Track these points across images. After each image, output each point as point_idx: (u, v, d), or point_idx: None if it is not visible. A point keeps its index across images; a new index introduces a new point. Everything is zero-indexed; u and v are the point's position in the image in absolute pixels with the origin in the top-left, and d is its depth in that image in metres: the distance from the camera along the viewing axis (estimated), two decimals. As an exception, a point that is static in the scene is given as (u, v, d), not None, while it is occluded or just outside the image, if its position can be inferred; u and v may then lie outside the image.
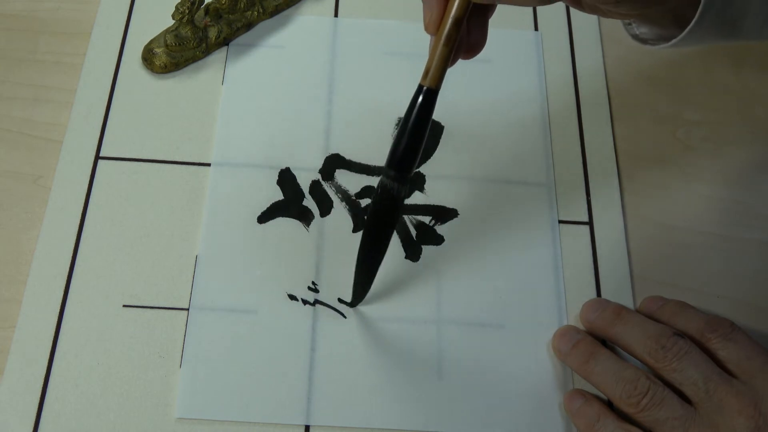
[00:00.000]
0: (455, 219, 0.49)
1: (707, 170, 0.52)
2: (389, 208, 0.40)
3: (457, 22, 0.36)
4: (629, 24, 0.43)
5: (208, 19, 0.54)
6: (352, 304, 0.46)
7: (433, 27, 0.37)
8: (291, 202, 0.49)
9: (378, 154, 0.51)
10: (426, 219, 0.49)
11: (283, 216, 0.49)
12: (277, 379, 0.44)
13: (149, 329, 0.45)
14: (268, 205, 0.49)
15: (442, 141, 0.52)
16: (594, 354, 0.43)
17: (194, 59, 0.53)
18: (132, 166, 0.49)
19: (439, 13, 0.37)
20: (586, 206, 0.50)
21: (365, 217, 0.46)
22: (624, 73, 0.56)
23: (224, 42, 0.54)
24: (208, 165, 0.50)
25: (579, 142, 0.52)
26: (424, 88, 0.37)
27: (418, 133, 0.38)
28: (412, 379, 0.44)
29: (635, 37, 0.43)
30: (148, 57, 0.53)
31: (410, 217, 0.49)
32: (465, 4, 0.36)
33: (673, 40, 0.40)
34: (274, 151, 0.51)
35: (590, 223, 0.50)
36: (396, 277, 0.47)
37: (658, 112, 0.54)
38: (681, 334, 0.42)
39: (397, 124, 0.52)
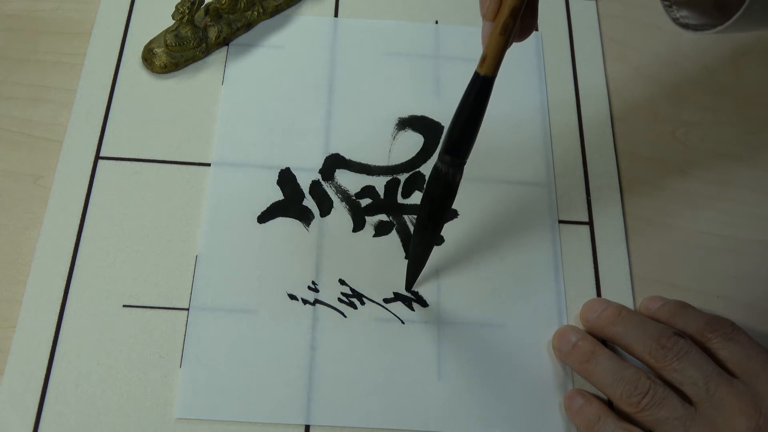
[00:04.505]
0: (455, 219, 0.49)
1: (707, 170, 0.52)
2: (444, 192, 0.41)
3: (515, 12, 0.36)
4: (670, 6, 0.42)
5: (208, 19, 0.54)
6: (407, 288, 0.47)
7: (491, 15, 0.37)
8: (291, 202, 0.49)
9: (378, 154, 0.51)
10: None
11: (283, 216, 0.49)
12: (277, 379, 0.44)
13: (149, 329, 0.45)
14: (268, 205, 0.49)
15: (442, 141, 0.52)
16: (594, 354, 0.43)
17: (194, 59, 0.53)
18: (132, 166, 0.49)
19: (497, 3, 0.37)
20: (586, 206, 0.50)
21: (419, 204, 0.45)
22: (624, 73, 0.56)
23: (224, 42, 0.54)
24: (208, 165, 0.50)
25: (579, 142, 0.52)
26: (481, 75, 0.38)
27: (474, 119, 0.39)
28: (411, 379, 0.44)
29: (676, 21, 0.42)
30: (148, 57, 0.53)
31: (410, 217, 0.49)
32: None
33: (719, 27, 0.39)
34: (274, 151, 0.51)
35: (590, 223, 0.50)
36: (396, 277, 0.47)
37: (658, 112, 0.54)
38: (681, 334, 0.42)
39: (397, 124, 0.52)
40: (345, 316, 0.46)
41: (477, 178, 0.50)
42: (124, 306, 0.45)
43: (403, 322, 0.46)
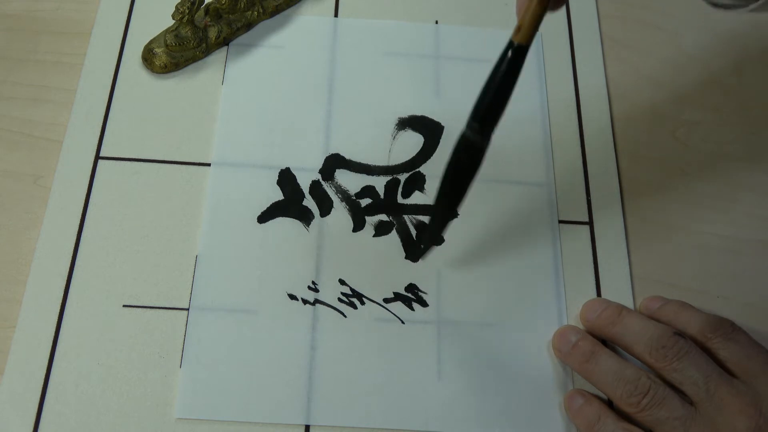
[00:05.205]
0: (455, 219, 0.49)
1: (707, 170, 0.52)
2: (471, 160, 0.41)
3: None
4: None
5: (208, 19, 0.54)
6: (422, 251, 0.47)
7: None
8: (291, 202, 0.49)
9: (378, 154, 0.51)
10: (426, 219, 0.49)
11: (283, 216, 0.49)
12: (277, 379, 0.44)
13: (149, 329, 0.45)
14: (268, 205, 0.49)
15: (442, 141, 0.52)
16: (594, 354, 0.43)
17: (194, 59, 0.53)
18: (132, 166, 0.49)
19: None
20: (586, 206, 0.50)
21: (444, 172, 0.43)
22: (624, 73, 0.56)
23: (224, 42, 0.54)
24: (208, 165, 0.50)
25: (579, 142, 0.52)
26: (515, 44, 0.38)
27: (505, 87, 0.38)
28: (411, 379, 0.44)
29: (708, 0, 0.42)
30: (148, 57, 0.53)
31: (410, 217, 0.49)
32: None
33: (752, 5, 0.39)
34: (274, 151, 0.51)
35: (590, 223, 0.50)
36: (396, 277, 0.47)
37: (659, 112, 0.54)
38: (681, 334, 0.42)
39: (397, 124, 0.52)
40: (345, 316, 0.46)
41: (477, 178, 0.50)
42: (124, 306, 0.45)
43: (403, 322, 0.46)
